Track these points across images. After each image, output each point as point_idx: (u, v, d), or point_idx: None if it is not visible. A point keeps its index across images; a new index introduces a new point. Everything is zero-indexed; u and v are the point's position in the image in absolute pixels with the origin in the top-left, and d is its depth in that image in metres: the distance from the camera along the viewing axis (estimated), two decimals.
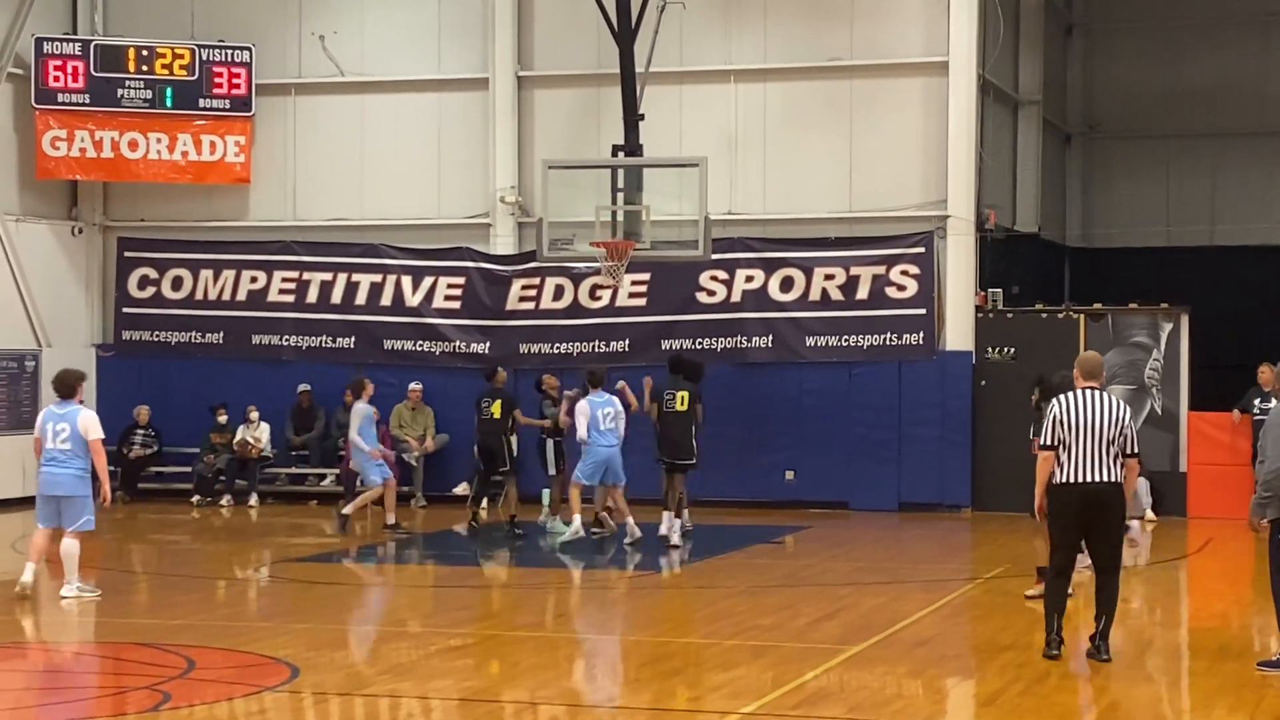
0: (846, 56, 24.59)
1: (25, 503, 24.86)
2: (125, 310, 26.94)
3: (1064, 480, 12.13)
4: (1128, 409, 12.36)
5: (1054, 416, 12.20)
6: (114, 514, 24.55)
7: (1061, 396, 12.32)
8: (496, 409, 21.08)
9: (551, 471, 21.83)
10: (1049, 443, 12.18)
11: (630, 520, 19.65)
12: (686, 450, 19.83)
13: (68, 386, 15.89)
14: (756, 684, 12.02)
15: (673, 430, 19.87)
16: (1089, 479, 12.09)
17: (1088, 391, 12.29)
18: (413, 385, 25.40)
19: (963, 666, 12.84)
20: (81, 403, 16.01)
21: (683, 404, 19.87)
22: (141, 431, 26.11)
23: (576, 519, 19.74)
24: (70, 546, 15.89)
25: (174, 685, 11.81)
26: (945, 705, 11.73)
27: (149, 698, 11.43)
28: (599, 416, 19.72)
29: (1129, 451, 12.24)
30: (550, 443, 21.81)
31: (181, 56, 25.97)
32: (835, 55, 24.61)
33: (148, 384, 26.38)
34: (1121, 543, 12.50)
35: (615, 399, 20.02)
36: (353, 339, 26.06)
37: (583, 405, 19.84)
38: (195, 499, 25.44)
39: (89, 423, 15.68)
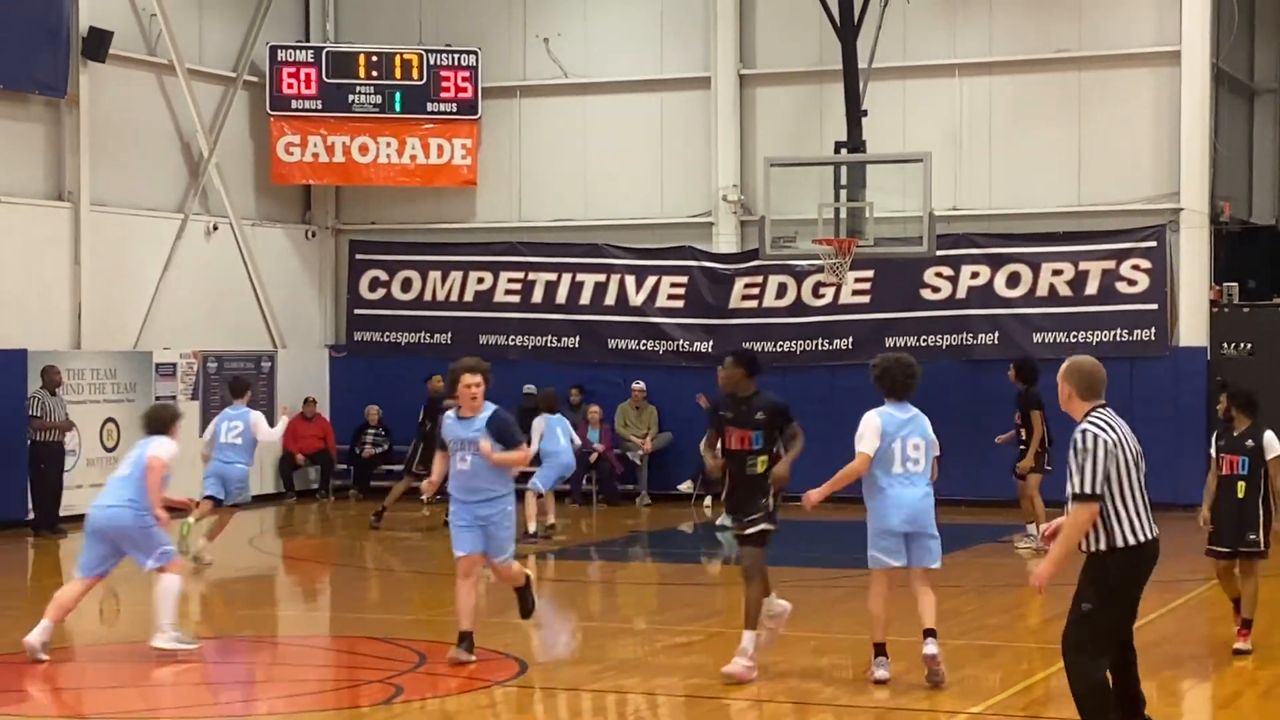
0: (1075, 47, 24.18)
1: (263, 500, 25.54)
2: (357, 312, 27.49)
3: (1138, 540, 8.71)
4: None
5: (1105, 450, 8.63)
6: (346, 511, 25.09)
7: (1100, 421, 8.78)
8: None
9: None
10: (1099, 491, 8.59)
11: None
12: None
13: None
14: (985, 684, 11.88)
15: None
16: (1151, 534, 8.82)
17: (1112, 413, 8.93)
18: (636, 384, 25.55)
19: (1199, 669, 12.55)
20: None
21: None
22: (372, 431, 26.62)
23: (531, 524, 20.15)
24: None
25: (406, 679, 12.03)
26: (1181, 707, 11.47)
27: (382, 691, 11.66)
28: (558, 431, 20.65)
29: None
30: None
31: (410, 61, 26.44)
32: (1063, 46, 24.22)
33: (379, 384, 26.87)
34: None
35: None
36: (577, 338, 26.28)
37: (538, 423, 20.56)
38: (425, 497, 25.82)
39: None
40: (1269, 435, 12.81)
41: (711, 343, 25.58)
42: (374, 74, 26.43)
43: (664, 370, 25.75)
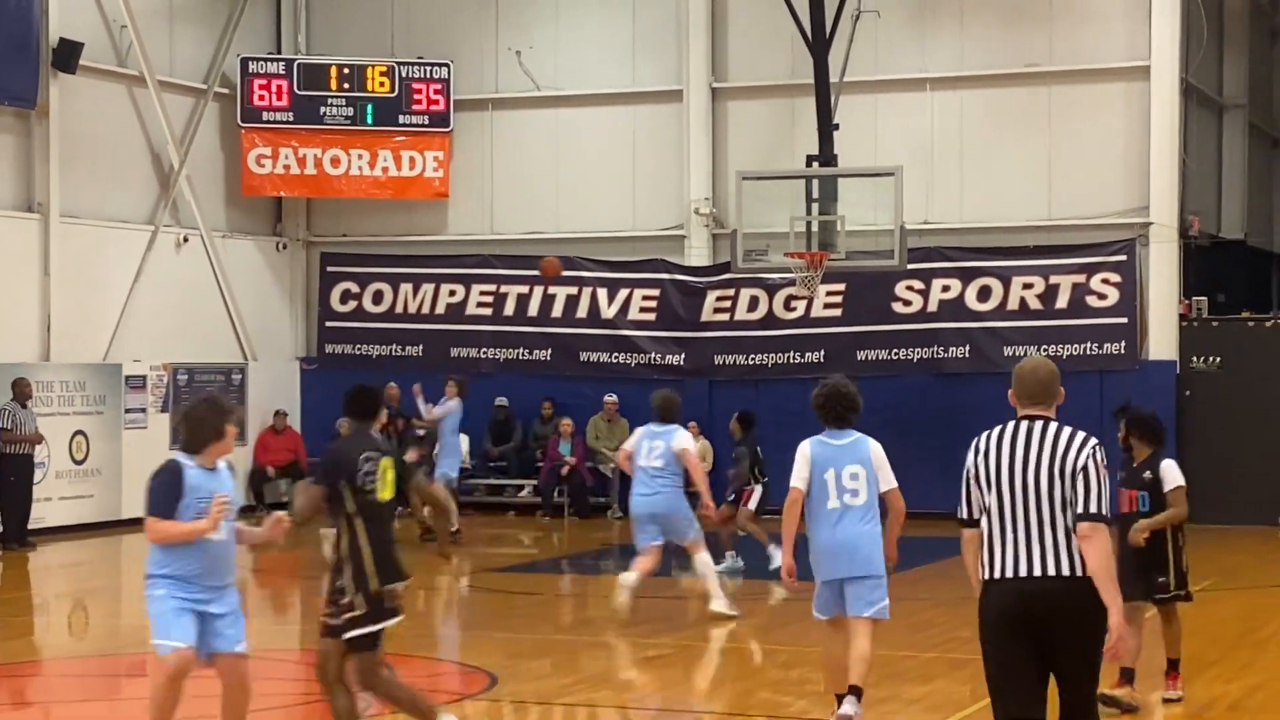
0: (1045, 62, 24.26)
1: (238, 513, 25.38)
2: (328, 324, 27.44)
3: (989, 575, 7.37)
4: (1093, 445, 7.37)
5: (968, 469, 7.48)
6: (316, 524, 24.98)
7: (987, 434, 7.51)
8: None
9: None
10: (969, 514, 7.48)
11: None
12: None
13: None
14: (955, 696, 11.88)
15: None
16: (1025, 571, 7.26)
17: (1025, 424, 7.45)
18: (608, 397, 25.55)
19: (1165, 681, 12.56)
20: None
21: None
22: None
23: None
24: None
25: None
26: (1146, 718, 11.49)
27: None
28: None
29: (1086, 511, 7.20)
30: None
31: (382, 74, 26.41)
32: (1033, 61, 24.29)
33: None
34: (1097, 670, 7.37)
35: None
36: (549, 351, 26.27)
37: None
38: (396, 509, 25.75)
39: None
40: (1167, 464, 11.24)
41: (683, 356, 25.60)
42: (345, 86, 26.39)
43: (636, 383, 25.71)
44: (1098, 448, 7.35)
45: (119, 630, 16.28)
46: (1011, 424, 7.43)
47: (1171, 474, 11.25)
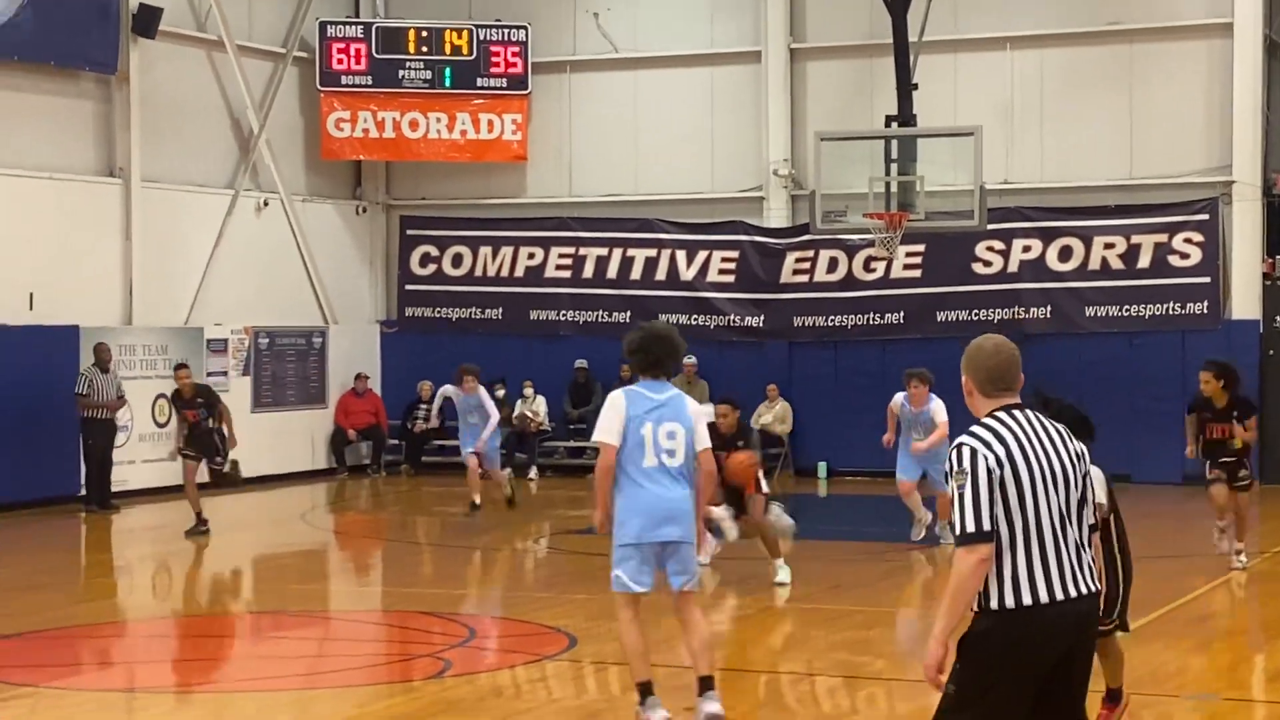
0: (1126, 20, 24.00)
1: (315, 475, 25.63)
2: (407, 287, 27.56)
3: (1024, 601, 6.08)
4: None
5: (987, 469, 6.13)
6: (398, 486, 25.19)
7: (987, 431, 6.26)
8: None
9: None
10: (987, 527, 6.08)
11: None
12: None
13: None
14: None
15: None
16: (1075, 590, 6.15)
17: (1024, 418, 6.37)
18: (687, 359, 25.50)
19: (1250, 641, 12.49)
20: None
21: None
22: (425, 406, 26.65)
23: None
24: None
25: (455, 653, 12.08)
26: (1231, 680, 11.41)
27: (432, 665, 11.71)
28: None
29: (1096, 522, 6.52)
30: None
31: (460, 37, 26.44)
32: (1114, 19, 24.04)
33: (430, 359, 26.90)
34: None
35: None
36: (628, 313, 26.25)
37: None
38: None
39: None
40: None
41: (762, 318, 25.55)
42: (424, 49, 26.45)
43: (715, 345, 25.71)
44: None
45: (200, 591, 16.47)
46: (1014, 421, 6.30)
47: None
